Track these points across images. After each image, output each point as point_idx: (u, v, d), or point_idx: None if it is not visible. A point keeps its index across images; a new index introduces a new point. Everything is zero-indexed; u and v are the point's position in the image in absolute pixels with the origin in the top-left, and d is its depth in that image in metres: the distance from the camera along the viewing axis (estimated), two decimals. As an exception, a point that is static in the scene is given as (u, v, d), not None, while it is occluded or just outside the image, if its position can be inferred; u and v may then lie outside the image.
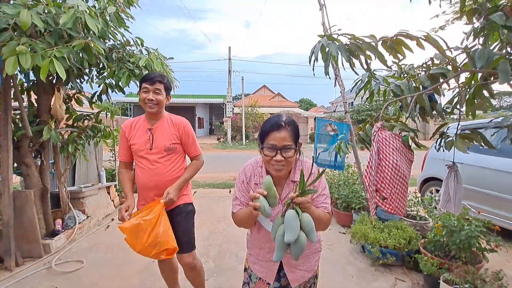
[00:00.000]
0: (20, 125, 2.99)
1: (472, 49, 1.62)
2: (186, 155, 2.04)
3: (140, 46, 3.18)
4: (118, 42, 3.10)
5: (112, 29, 2.73)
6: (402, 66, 2.31)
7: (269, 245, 1.30)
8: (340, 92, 3.96)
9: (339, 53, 1.60)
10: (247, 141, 19.38)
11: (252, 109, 20.70)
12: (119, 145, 1.95)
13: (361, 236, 2.94)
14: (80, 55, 2.53)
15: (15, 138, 2.92)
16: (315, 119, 22.16)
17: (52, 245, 2.97)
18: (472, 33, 1.87)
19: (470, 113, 1.92)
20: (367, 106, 19.38)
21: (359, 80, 2.28)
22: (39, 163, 3.18)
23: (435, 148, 2.11)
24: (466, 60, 1.76)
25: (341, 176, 4.50)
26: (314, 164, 1.25)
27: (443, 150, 2.07)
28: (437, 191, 4.26)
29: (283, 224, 1.02)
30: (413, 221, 3.29)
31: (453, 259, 2.46)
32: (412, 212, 3.52)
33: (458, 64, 1.80)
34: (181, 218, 1.92)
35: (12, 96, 2.84)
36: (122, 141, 1.92)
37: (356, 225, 3.12)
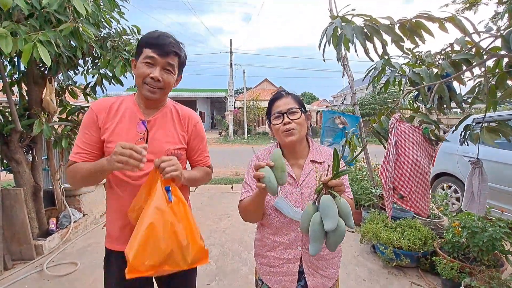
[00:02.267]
0: (10, 119, 2.81)
1: (507, 31, 1.43)
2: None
3: (137, 35, 2.99)
4: (114, 31, 2.91)
5: (105, 14, 2.53)
6: (417, 54, 2.11)
7: (287, 238, 1.12)
8: (349, 83, 3.75)
9: (354, 36, 1.40)
10: (249, 135, 19.20)
11: (254, 103, 20.46)
12: (79, 137, 1.13)
13: (372, 236, 2.77)
14: (71, 43, 2.34)
15: (4, 132, 2.74)
16: (317, 112, 21.88)
17: (45, 246, 2.81)
18: (508, 11, 1.66)
19: (491, 104, 1.75)
20: (371, 99, 19.10)
21: (373, 68, 2.07)
22: (31, 159, 3.01)
23: (459, 142, 1.91)
24: (493, 45, 1.57)
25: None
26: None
27: (467, 144, 1.88)
28: (449, 187, 4.07)
29: (317, 211, 0.91)
30: (427, 219, 3.11)
31: (473, 262, 2.28)
32: (425, 210, 3.34)
33: (484, 48, 1.59)
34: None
35: (0, 88, 2.66)
36: (87, 131, 1.12)
37: (367, 223, 2.94)
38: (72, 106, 3.39)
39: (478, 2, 5.69)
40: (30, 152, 3.00)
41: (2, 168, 2.93)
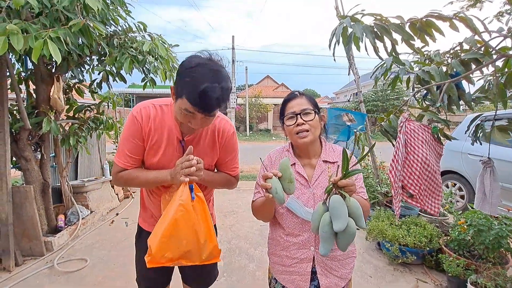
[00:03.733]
0: (18, 117, 2.84)
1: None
2: None
3: (143, 32, 2.99)
4: (120, 28, 2.91)
5: (112, 12, 2.54)
6: (426, 53, 2.11)
7: (300, 238, 1.13)
8: (354, 81, 3.75)
9: (364, 35, 1.40)
10: (251, 132, 19.20)
11: (256, 99, 20.43)
12: (126, 144, 1.14)
13: (378, 233, 2.79)
14: (80, 40, 2.35)
15: (13, 130, 2.76)
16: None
17: (54, 243, 2.85)
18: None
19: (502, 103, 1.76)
20: (373, 96, 19.04)
21: (381, 65, 2.08)
22: (39, 157, 3.04)
23: (471, 141, 1.92)
24: (503, 44, 1.57)
25: (353, 169, 4.32)
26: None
27: (480, 143, 1.88)
28: (454, 185, 4.08)
29: (327, 212, 0.91)
30: (432, 217, 3.13)
31: (479, 259, 2.30)
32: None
33: (494, 48, 1.59)
34: None
35: (8, 86, 2.67)
36: (134, 140, 1.13)
37: (372, 221, 2.96)
38: (79, 104, 3.41)
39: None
40: (39, 149, 3.03)
41: (12, 165, 2.96)
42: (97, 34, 2.14)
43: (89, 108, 3.45)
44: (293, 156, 1.19)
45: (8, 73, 2.62)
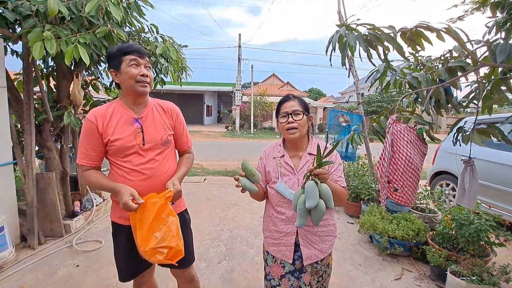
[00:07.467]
0: (41, 110, 3.09)
1: (494, 43, 1.61)
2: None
3: (155, 33, 3.22)
4: (133, 29, 3.14)
5: (130, 17, 2.77)
6: (419, 58, 2.29)
7: (286, 215, 1.36)
8: (354, 83, 3.93)
9: (357, 43, 1.60)
10: (255, 130, 19.41)
11: (261, 98, 20.62)
12: (83, 144, 1.36)
13: (369, 227, 3.00)
14: (102, 42, 2.59)
15: (36, 122, 3.02)
16: (324, 109, 21.96)
17: (72, 226, 3.12)
18: (495, 26, 1.85)
19: (486, 108, 1.92)
20: (378, 97, 19.10)
21: (375, 71, 2.27)
22: (59, 147, 3.30)
23: (452, 142, 2.11)
24: (486, 54, 1.75)
25: (351, 167, 4.53)
26: (327, 143, 1.32)
27: (460, 144, 2.07)
28: (448, 184, 4.26)
29: (303, 194, 1.12)
30: (422, 213, 3.32)
31: (460, 252, 2.49)
32: (422, 205, 3.54)
33: (477, 58, 1.78)
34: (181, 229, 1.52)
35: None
36: (90, 138, 1.35)
37: (365, 215, 3.17)
38: (95, 99, 3.67)
39: (487, 2, 5.73)
40: (59, 140, 3.29)
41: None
42: (118, 38, 2.37)
43: (104, 103, 3.70)
44: (283, 149, 1.44)
45: (33, 70, 2.87)
